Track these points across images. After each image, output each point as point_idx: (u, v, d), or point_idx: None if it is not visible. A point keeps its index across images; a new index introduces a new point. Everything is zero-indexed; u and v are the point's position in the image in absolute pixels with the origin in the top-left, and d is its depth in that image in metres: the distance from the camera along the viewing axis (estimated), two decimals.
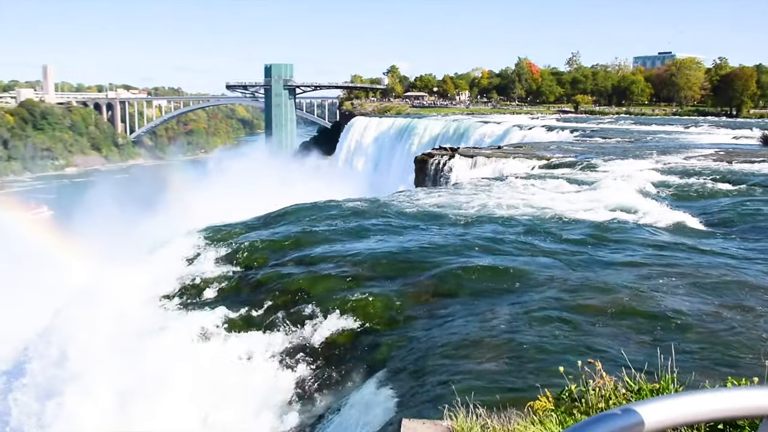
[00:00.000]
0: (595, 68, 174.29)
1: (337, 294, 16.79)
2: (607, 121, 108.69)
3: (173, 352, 15.67)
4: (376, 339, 14.54)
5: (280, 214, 26.22)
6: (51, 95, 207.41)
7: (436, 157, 54.52)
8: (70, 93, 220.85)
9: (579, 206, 26.24)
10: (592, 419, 1.94)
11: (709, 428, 5.70)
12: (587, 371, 7.28)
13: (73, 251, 75.86)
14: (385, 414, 10.48)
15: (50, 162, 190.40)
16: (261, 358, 15.29)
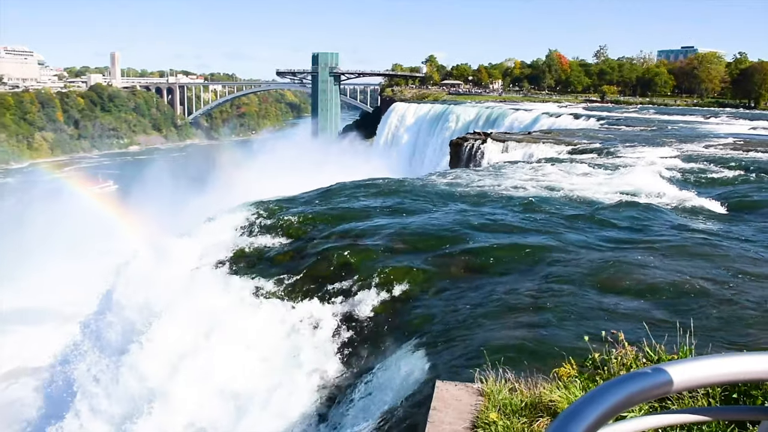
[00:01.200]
0: (621, 60, 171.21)
1: (375, 265, 16.83)
2: (631, 110, 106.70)
3: (225, 314, 15.89)
4: (411, 308, 14.57)
5: (324, 191, 26.31)
6: (118, 80, 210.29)
7: (470, 140, 54.24)
8: (134, 78, 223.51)
9: (603, 189, 25.90)
10: (625, 376, 1.92)
11: (723, 398, 5.63)
12: (610, 341, 7.21)
13: (135, 222, 77.22)
14: (419, 376, 10.52)
15: (115, 141, 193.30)
16: (305, 322, 15.42)
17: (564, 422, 1.68)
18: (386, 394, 10.67)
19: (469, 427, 6.07)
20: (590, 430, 1.68)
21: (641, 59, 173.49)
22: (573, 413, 1.71)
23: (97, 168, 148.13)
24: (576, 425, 1.66)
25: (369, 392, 11.48)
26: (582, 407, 1.72)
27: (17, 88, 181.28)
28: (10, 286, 63.94)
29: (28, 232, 73.90)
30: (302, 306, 15.93)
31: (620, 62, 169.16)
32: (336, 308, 15.60)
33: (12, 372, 50.33)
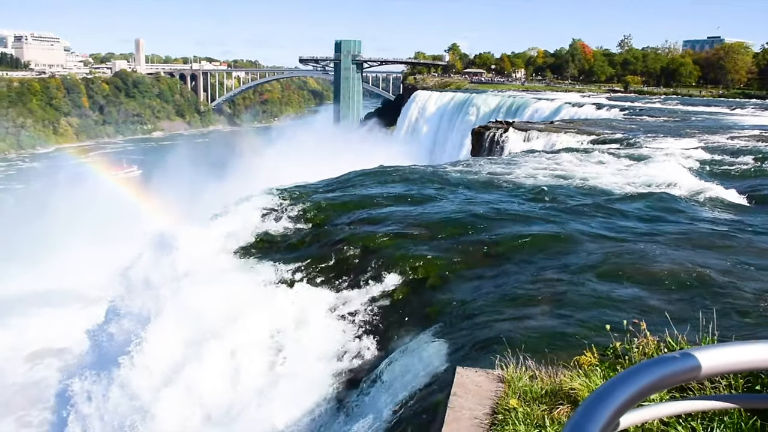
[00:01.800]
0: (645, 50, 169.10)
1: (396, 252, 16.83)
2: (655, 101, 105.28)
3: (246, 299, 15.98)
4: (431, 294, 14.57)
5: (346, 178, 26.33)
6: (142, 66, 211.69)
7: (492, 129, 54.03)
8: (158, 64, 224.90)
9: (625, 180, 25.67)
10: (654, 360, 1.90)
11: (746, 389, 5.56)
12: (632, 330, 7.17)
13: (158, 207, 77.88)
14: (440, 362, 10.53)
15: (140, 126, 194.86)
16: (326, 307, 15.48)
17: (595, 402, 1.66)
18: (406, 379, 10.69)
19: (489, 413, 6.06)
20: (619, 411, 1.66)
21: (666, 49, 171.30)
22: (603, 394, 1.69)
23: (121, 153, 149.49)
24: (606, 406, 1.65)
25: (388, 378, 11.50)
26: (612, 388, 1.70)
27: (44, 74, 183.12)
28: (36, 269, 64.89)
29: (54, 216, 74.84)
30: (322, 291, 15.99)
31: (645, 52, 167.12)
32: (356, 294, 15.63)
33: (37, 353, 51.16)
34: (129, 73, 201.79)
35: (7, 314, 57.52)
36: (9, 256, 67.85)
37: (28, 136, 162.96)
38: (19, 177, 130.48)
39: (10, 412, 42.69)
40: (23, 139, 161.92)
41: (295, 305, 15.58)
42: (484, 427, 5.82)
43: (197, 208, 56.96)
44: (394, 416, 9.38)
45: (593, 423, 1.60)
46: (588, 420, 1.61)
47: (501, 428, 5.69)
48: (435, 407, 8.01)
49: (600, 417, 1.61)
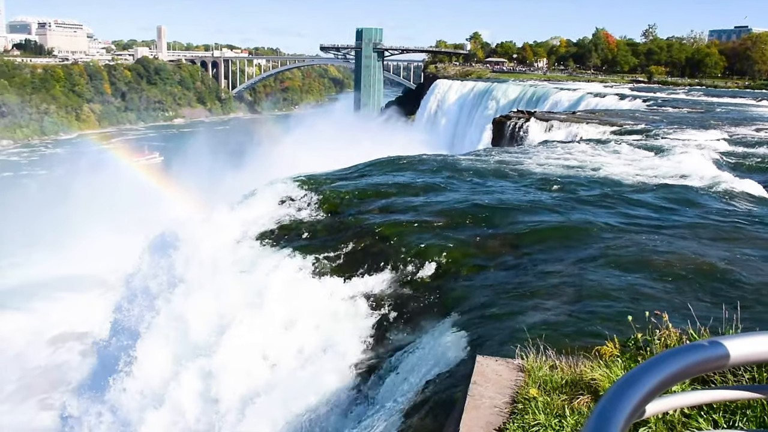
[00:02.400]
0: (670, 40, 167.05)
1: (415, 241, 16.82)
2: (679, 91, 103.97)
3: (266, 287, 16.05)
4: (450, 284, 14.55)
5: (366, 166, 26.31)
6: (164, 53, 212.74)
7: (513, 119, 53.81)
8: (180, 51, 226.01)
9: (648, 171, 25.43)
10: (683, 347, 1.88)
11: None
12: (654, 321, 7.11)
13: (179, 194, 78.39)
14: (458, 351, 10.52)
15: (161, 113, 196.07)
16: (344, 295, 15.51)
17: (623, 387, 1.65)
18: (425, 368, 10.70)
19: (509, 402, 6.05)
20: (647, 398, 1.64)
21: (691, 39, 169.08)
22: (632, 379, 1.67)
23: (142, 140, 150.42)
24: (634, 391, 1.63)
25: (407, 366, 11.52)
26: (640, 374, 1.68)
27: (67, 60, 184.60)
28: (59, 254, 65.69)
29: (76, 201, 75.59)
30: (341, 279, 16.02)
31: (669, 42, 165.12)
32: (374, 282, 15.64)
33: (59, 336, 51.89)
34: (151, 60, 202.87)
35: (30, 298, 58.36)
36: (32, 242, 68.75)
37: (51, 122, 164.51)
38: (42, 163, 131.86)
39: (33, 395, 43.38)
40: (46, 125, 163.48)
41: (314, 293, 15.62)
42: (504, 416, 5.82)
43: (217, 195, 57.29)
44: (412, 404, 9.39)
45: (621, 408, 1.58)
46: (616, 405, 1.60)
47: (521, 417, 5.69)
48: (454, 396, 8.01)
49: (628, 403, 1.60)
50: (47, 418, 27.90)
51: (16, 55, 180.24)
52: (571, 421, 5.57)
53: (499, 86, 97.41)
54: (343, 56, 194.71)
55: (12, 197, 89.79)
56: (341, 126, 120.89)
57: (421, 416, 8.75)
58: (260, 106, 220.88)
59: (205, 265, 17.72)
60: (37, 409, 40.28)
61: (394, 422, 9.03)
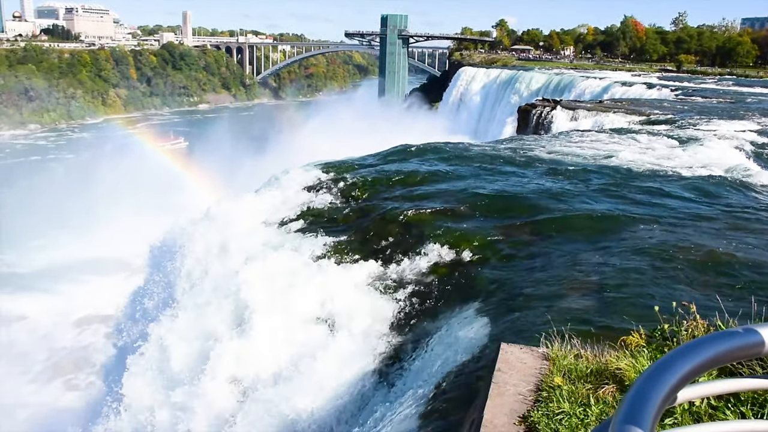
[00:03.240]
0: (700, 29, 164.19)
1: (439, 228, 16.79)
2: (709, 81, 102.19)
3: (290, 272, 16.12)
4: (474, 272, 14.51)
5: (389, 153, 26.28)
6: (189, 39, 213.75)
7: (538, 107, 53.47)
8: (205, 37, 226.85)
9: (676, 162, 25.13)
10: (717, 334, 1.85)
11: None
12: (681, 312, 7.05)
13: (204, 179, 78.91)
14: (482, 338, 10.50)
15: (186, 99, 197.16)
16: (368, 281, 15.54)
17: (659, 370, 1.63)
18: (449, 354, 10.70)
19: (534, 389, 6.05)
20: (680, 383, 1.63)
21: (723, 27, 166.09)
22: (666, 364, 1.66)
23: (167, 125, 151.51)
24: (669, 376, 1.62)
25: (430, 353, 11.53)
26: (675, 359, 1.67)
27: (93, 45, 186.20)
28: (85, 237, 66.56)
29: (102, 185, 76.42)
30: (365, 266, 16.04)
31: (700, 30, 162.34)
32: (399, 269, 15.66)
33: (84, 319, 52.68)
34: (176, 46, 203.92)
35: (58, 281, 59.30)
36: (59, 225, 69.69)
37: (78, 106, 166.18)
38: (69, 147, 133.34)
39: (59, 375, 44.15)
40: (73, 109, 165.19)
41: (338, 279, 15.66)
42: (528, 403, 5.81)
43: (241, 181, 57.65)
44: (436, 390, 9.41)
45: (656, 390, 1.57)
46: (651, 387, 1.58)
47: (545, 405, 5.68)
48: (477, 383, 8.01)
49: (663, 385, 1.58)
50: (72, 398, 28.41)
51: (43, 40, 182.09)
52: (596, 410, 5.55)
53: (524, 74, 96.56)
54: (367, 43, 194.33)
55: (40, 181, 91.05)
56: (365, 113, 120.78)
57: (445, 402, 8.76)
58: (284, 92, 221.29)
59: (228, 250, 17.83)
60: (63, 390, 40.98)
61: (417, 408, 9.05)
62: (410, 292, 14.65)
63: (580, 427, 5.33)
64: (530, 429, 5.43)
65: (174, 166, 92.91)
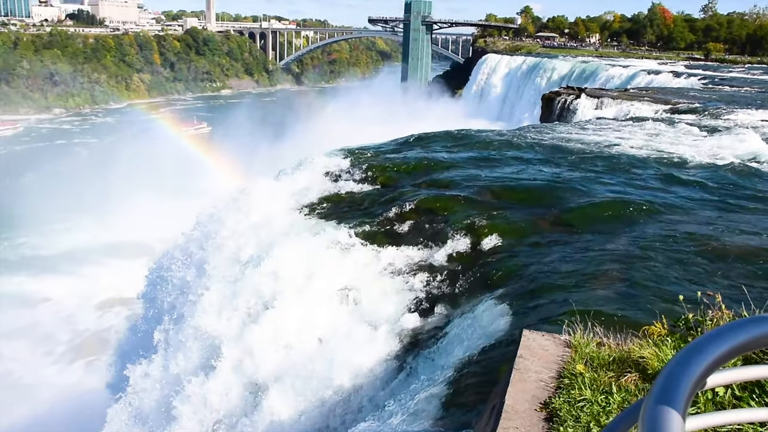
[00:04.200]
0: (730, 16, 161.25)
1: (462, 216, 16.75)
2: (738, 70, 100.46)
3: (312, 258, 16.20)
4: (496, 259, 14.49)
5: (411, 140, 26.23)
6: (212, 24, 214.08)
7: (562, 95, 53.16)
8: (228, 22, 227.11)
9: (702, 151, 24.81)
10: (752, 318, 1.84)
11: None
12: (706, 302, 6.99)
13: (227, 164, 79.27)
14: (505, 325, 10.51)
15: (209, 84, 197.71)
16: (390, 266, 15.58)
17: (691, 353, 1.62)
18: (470, 340, 10.72)
19: (555, 376, 6.04)
20: (712, 367, 1.62)
21: (754, 15, 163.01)
22: (699, 346, 1.65)
23: (190, 110, 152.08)
24: (701, 359, 1.61)
25: (452, 338, 11.56)
26: (708, 342, 1.66)
27: (117, 30, 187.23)
28: (108, 221, 67.32)
29: (125, 169, 77.10)
30: (387, 252, 16.07)
31: (730, 18, 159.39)
32: (421, 255, 15.68)
33: (106, 301, 53.40)
34: (199, 31, 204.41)
35: (81, 264, 60.10)
36: (83, 208, 70.50)
37: (102, 91, 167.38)
38: (93, 131, 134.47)
39: (81, 357, 44.86)
40: (97, 94, 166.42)
41: (360, 264, 15.72)
42: (549, 390, 5.81)
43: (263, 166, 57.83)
44: (457, 375, 9.44)
45: (687, 375, 1.57)
46: (682, 371, 1.58)
47: (567, 392, 5.66)
48: (499, 369, 8.02)
49: (694, 369, 1.58)
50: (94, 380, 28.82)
51: (69, 25, 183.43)
52: (618, 398, 5.53)
53: (549, 62, 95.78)
54: (391, 29, 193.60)
55: (65, 164, 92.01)
56: (388, 99, 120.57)
57: (466, 388, 8.79)
58: (307, 78, 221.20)
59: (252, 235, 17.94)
60: (85, 371, 41.58)
61: (439, 393, 9.09)
62: (432, 278, 14.67)
63: (602, 414, 5.31)
64: (552, 415, 5.43)
65: (197, 151, 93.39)
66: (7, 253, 65.26)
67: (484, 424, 6.33)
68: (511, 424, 5.32)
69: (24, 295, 54.40)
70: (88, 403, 26.23)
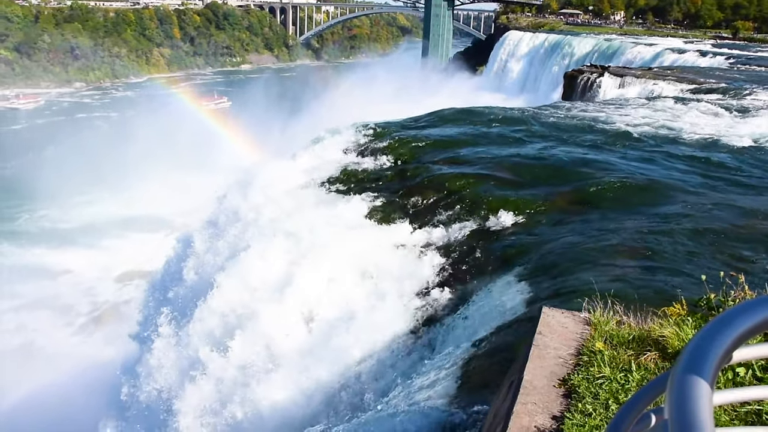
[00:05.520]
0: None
1: (481, 193, 16.70)
2: (767, 49, 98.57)
3: (330, 233, 16.23)
4: (515, 237, 14.44)
5: (431, 116, 26.10)
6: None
7: (585, 73, 52.61)
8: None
9: (726, 132, 24.45)
10: None
11: None
12: (728, 283, 6.92)
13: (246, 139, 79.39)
14: (523, 302, 10.49)
15: (228, 59, 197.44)
16: (408, 243, 15.59)
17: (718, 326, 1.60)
18: (489, 317, 10.72)
19: (574, 353, 6.02)
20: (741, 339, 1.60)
21: None
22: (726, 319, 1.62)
23: (210, 85, 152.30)
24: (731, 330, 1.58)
25: (471, 314, 11.57)
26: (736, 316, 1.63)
27: (138, 4, 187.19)
28: (128, 195, 67.80)
29: (145, 143, 77.36)
30: (405, 228, 16.08)
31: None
32: (439, 232, 15.66)
33: (126, 274, 54.00)
34: (220, 5, 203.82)
35: (100, 237, 60.72)
36: (103, 182, 71.05)
37: (122, 65, 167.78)
38: (113, 105, 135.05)
39: (99, 329, 45.47)
40: (117, 68, 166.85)
41: (378, 240, 15.74)
42: (568, 367, 5.80)
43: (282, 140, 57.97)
44: (476, 350, 9.45)
45: (715, 346, 1.54)
46: (710, 343, 1.56)
47: (586, 369, 5.65)
48: (517, 345, 8.02)
49: (723, 341, 1.56)
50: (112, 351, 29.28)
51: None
52: (637, 376, 5.52)
53: (572, 39, 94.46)
54: (412, 4, 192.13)
55: (85, 138, 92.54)
56: (408, 75, 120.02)
57: (484, 364, 8.81)
58: (327, 53, 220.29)
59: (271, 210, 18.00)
60: (104, 343, 42.10)
61: (457, 368, 9.11)
62: (450, 255, 14.66)
63: (621, 392, 5.30)
64: (570, 392, 5.42)
65: (218, 125, 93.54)
66: (28, 225, 66.02)
67: (502, 399, 6.34)
68: (530, 399, 5.32)
69: (45, 267, 55.13)
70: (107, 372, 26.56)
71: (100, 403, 22.66)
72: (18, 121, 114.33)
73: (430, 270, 14.40)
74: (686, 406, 1.41)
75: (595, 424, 4.92)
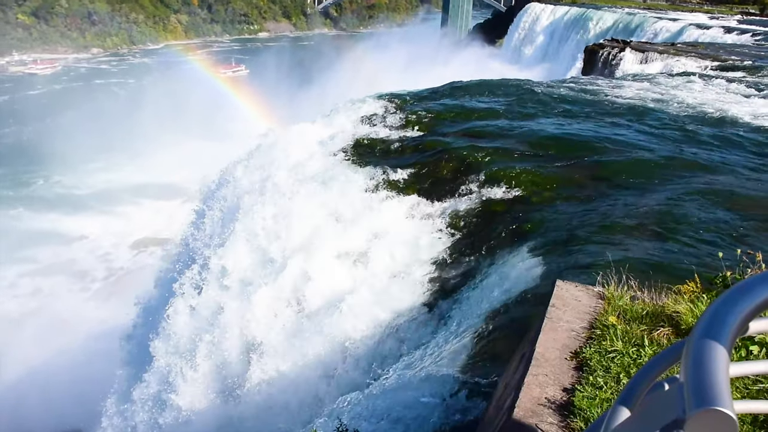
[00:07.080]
0: None
1: (497, 166, 16.63)
2: None
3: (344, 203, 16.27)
4: (531, 211, 14.39)
5: (449, 88, 25.94)
6: None
7: (606, 48, 52.00)
8: None
9: (748, 110, 24.12)
10: None
11: None
12: (745, 260, 6.88)
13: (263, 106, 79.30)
14: (537, 275, 10.49)
15: (246, 26, 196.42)
16: (423, 214, 15.59)
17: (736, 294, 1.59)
18: (502, 289, 10.74)
19: (587, 327, 6.03)
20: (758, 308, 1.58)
21: None
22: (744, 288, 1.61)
23: (227, 52, 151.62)
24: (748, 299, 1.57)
25: (484, 287, 11.59)
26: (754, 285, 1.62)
27: None
28: (144, 162, 68.12)
29: (161, 111, 77.47)
30: (420, 199, 16.08)
31: None
32: (453, 204, 15.64)
33: (142, 240, 54.43)
34: None
35: (116, 203, 61.14)
36: (119, 149, 71.41)
37: (140, 32, 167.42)
38: (131, 72, 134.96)
39: (114, 295, 45.90)
40: (134, 35, 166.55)
41: (392, 212, 15.74)
42: (580, 340, 5.80)
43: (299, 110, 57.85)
44: (488, 323, 9.48)
45: (733, 314, 1.54)
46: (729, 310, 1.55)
47: (598, 343, 5.66)
48: (530, 318, 8.03)
49: (741, 309, 1.55)
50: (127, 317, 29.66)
51: None
52: (650, 351, 5.51)
53: (594, 13, 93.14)
54: None
55: (102, 105, 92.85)
56: (426, 46, 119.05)
57: (497, 336, 8.84)
58: (344, 22, 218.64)
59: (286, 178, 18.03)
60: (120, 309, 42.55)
61: (469, 340, 9.16)
62: (465, 227, 14.65)
63: (633, 366, 5.31)
64: (582, 365, 5.44)
65: (235, 93, 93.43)
66: (43, 190, 66.49)
67: (513, 370, 6.37)
68: (541, 371, 5.34)
69: (60, 233, 55.63)
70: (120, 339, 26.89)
71: (114, 367, 22.97)
72: (35, 87, 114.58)
73: (444, 241, 14.41)
74: (704, 368, 1.41)
75: (605, 397, 4.94)
